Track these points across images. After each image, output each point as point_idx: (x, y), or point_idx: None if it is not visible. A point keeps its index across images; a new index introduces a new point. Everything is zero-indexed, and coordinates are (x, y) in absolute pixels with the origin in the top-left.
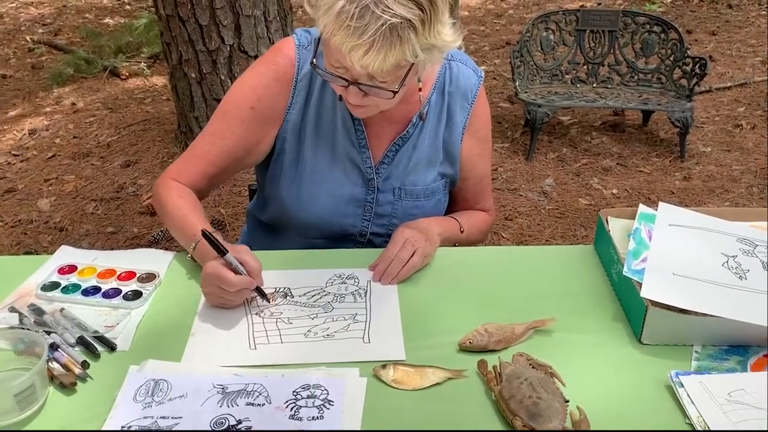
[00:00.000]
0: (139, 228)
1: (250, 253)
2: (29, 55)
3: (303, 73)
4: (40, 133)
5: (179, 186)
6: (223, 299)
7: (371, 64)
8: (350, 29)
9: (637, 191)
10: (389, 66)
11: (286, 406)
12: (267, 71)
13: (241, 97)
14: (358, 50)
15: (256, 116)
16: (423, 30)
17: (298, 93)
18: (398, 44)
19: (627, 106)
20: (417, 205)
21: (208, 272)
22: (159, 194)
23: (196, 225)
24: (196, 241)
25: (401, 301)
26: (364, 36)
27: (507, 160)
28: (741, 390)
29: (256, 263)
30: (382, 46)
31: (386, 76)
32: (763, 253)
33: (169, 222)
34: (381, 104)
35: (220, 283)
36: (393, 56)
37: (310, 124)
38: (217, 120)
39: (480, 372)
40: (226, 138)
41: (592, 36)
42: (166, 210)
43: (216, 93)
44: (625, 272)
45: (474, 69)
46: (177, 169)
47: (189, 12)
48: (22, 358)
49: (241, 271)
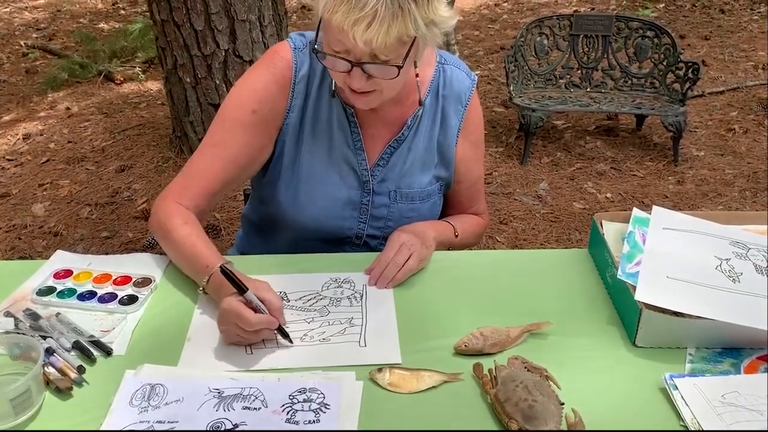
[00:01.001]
0: (134, 232)
1: (270, 290)
2: (23, 60)
3: (300, 76)
4: (35, 138)
5: (182, 210)
6: (241, 337)
7: (374, 37)
8: (351, 3)
9: (631, 195)
10: (392, 39)
11: (283, 410)
12: (266, 74)
13: (242, 102)
14: (360, 24)
15: (258, 120)
16: (422, 2)
17: (297, 95)
18: (400, 15)
19: (620, 110)
20: (413, 208)
21: (226, 308)
22: (160, 221)
23: (208, 257)
24: (209, 274)
25: (397, 305)
26: (365, 8)
27: (502, 164)
28: (734, 392)
29: (278, 301)
30: (384, 16)
31: (389, 52)
32: (755, 256)
33: (175, 252)
34: (385, 89)
35: (239, 322)
36: (396, 28)
37: (307, 126)
38: (217, 130)
39: (476, 375)
40: (228, 147)
41: (585, 41)
42: (171, 238)
43: (211, 98)
44: (620, 275)
45: (467, 73)
46: (178, 189)
47: (184, 17)
48: (17, 362)
49: (261, 310)
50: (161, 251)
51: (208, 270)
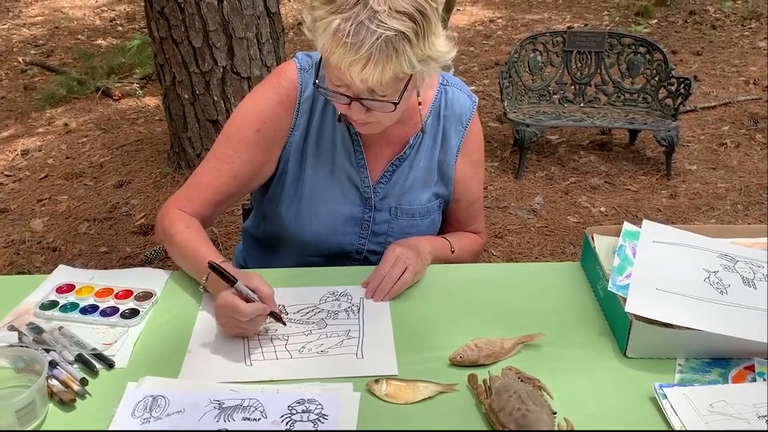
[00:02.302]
0: (132, 248)
1: (261, 279)
2: (21, 76)
3: (305, 96)
4: (33, 154)
5: (185, 216)
6: (240, 328)
7: (370, 77)
8: (347, 45)
9: (624, 209)
10: (388, 78)
11: (282, 421)
12: (271, 94)
13: (247, 121)
14: (356, 65)
15: (262, 139)
16: (417, 41)
17: (301, 115)
18: (394, 56)
19: (614, 125)
20: (412, 224)
21: (221, 303)
22: (165, 227)
23: (206, 256)
24: (208, 271)
25: (393, 318)
26: (360, 51)
27: (497, 178)
28: (722, 401)
29: (268, 288)
30: (378, 59)
31: (386, 89)
32: (743, 268)
33: (178, 254)
34: (383, 119)
35: (233, 314)
36: (390, 68)
37: (311, 144)
38: (222, 145)
39: (470, 386)
40: (232, 163)
41: (579, 57)
42: (175, 242)
43: (209, 114)
44: (610, 288)
45: (468, 94)
46: (181, 198)
47: (182, 34)
48: (22, 375)
49: (252, 299)
50: (160, 266)
51: (207, 269)
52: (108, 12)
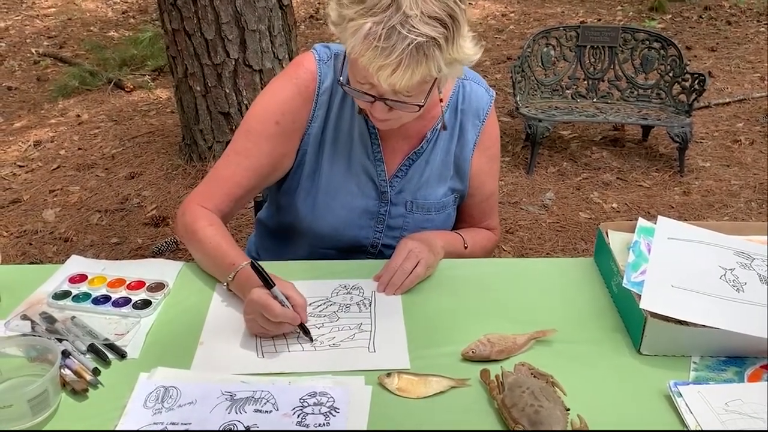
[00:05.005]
0: (143, 239)
1: (295, 289)
2: (34, 68)
3: (324, 87)
4: (45, 145)
5: (207, 213)
6: (264, 328)
7: (398, 81)
8: (378, 50)
9: (636, 205)
10: (415, 82)
11: (293, 413)
12: (290, 86)
13: (266, 113)
14: (385, 69)
15: (281, 131)
16: (447, 46)
17: (320, 107)
18: (424, 62)
19: (627, 121)
20: (428, 219)
21: (254, 299)
22: (186, 223)
23: (233, 256)
24: (235, 271)
25: (405, 312)
26: (391, 56)
27: (508, 173)
28: (738, 400)
29: (301, 299)
30: (408, 64)
31: (412, 91)
32: (759, 266)
33: (201, 251)
34: (405, 117)
35: (264, 311)
36: (419, 73)
37: (329, 137)
38: (241, 139)
39: (482, 381)
40: (251, 156)
41: (592, 52)
42: (197, 238)
43: (221, 106)
44: (625, 284)
45: (486, 89)
46: (202, 194)
47: (195, 26)
48: (34, 364)
49: (286, 305)
50: (171, 257)
51: (234, 267)
52: (120, 4)
